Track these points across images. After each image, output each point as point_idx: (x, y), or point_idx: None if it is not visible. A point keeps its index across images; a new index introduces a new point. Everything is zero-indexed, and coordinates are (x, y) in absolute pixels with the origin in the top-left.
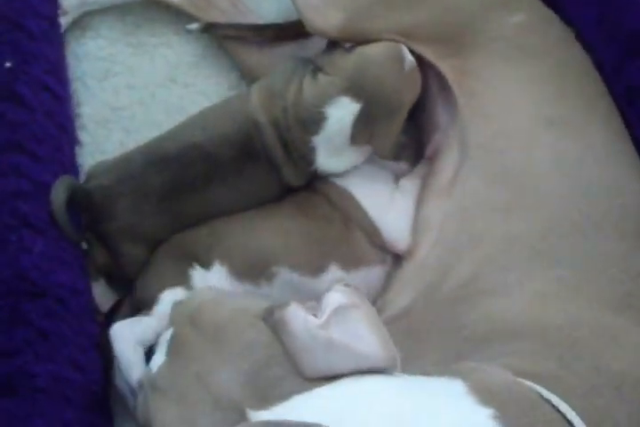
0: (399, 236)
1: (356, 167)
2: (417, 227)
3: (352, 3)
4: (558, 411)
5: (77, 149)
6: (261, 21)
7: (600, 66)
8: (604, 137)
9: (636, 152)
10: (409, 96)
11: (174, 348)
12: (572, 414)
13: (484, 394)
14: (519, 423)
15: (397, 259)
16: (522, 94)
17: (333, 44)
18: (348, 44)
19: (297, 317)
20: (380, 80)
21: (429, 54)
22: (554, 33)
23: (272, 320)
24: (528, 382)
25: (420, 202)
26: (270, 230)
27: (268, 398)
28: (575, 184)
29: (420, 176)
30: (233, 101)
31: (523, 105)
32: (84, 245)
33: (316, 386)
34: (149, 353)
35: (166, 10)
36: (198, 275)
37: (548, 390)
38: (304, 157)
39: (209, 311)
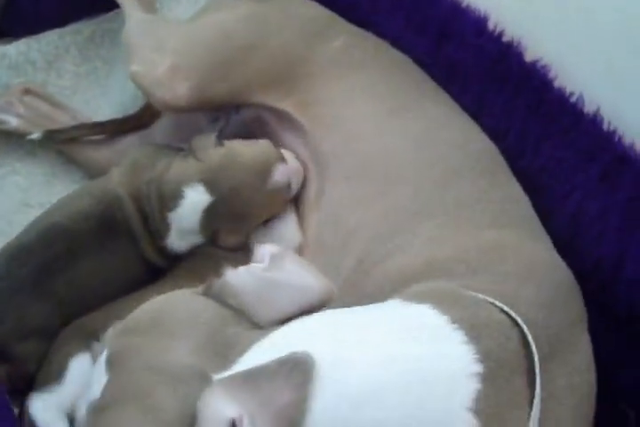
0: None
1: None
2: None
3: (193, 71)
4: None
5: None
6: None
7: (415, 56)
8: (441, 108)
9: (466, 113)
10: (263, 211)
11: (114, 363)
12: (507, 308)
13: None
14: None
15: None
16: (360, 99)
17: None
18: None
19: (239, 272)
20: (235, 186)
21: (272, 100)
22: (372, 45)
23: (214, 290)
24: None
25: None
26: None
27: (228, 357)
28: (428, 150)
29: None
30: (90, 182)
31: (363, 107)
32: None
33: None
34: None
35: (6, 139)
36: None
37: None
38: (159, 230)
39: (138, 312)
